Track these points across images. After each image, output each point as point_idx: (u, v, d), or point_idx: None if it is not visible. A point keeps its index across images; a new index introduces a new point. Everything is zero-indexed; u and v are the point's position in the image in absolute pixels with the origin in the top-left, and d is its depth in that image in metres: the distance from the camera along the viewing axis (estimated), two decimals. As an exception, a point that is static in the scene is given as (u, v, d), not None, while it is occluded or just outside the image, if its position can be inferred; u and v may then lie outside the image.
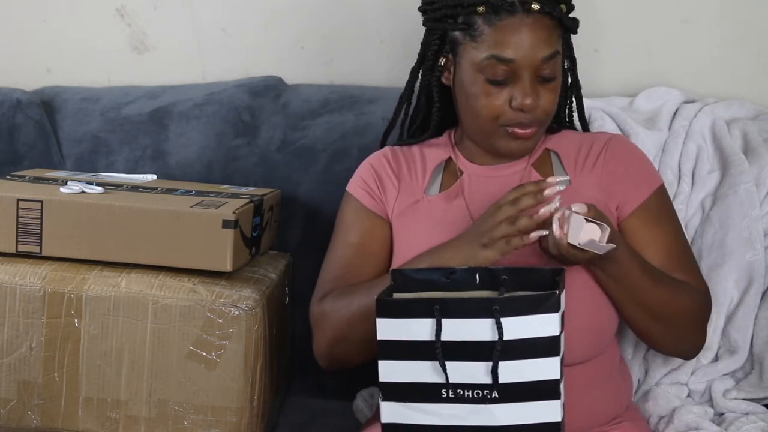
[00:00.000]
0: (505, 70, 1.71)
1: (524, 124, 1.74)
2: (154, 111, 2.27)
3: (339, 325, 1.76)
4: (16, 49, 2.42)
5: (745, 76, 2.24)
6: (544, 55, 1.71)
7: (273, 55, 2.36)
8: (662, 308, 1.73)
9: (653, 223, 1.79)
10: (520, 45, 1.70)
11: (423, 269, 1.65)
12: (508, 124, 1.74)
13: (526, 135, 1.75)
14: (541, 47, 1.71)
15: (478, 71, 1.73)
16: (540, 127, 1.77)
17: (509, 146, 1.77)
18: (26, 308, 1.86)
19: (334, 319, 1.77)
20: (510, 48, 1.70)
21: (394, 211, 1.84)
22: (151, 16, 2.39)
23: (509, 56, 1.70)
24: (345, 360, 1.80)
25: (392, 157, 1.89)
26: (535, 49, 1.71)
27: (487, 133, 1.77)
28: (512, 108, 1.72)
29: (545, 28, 1.72)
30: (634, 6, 2.26)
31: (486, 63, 1.72)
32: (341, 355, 1.79)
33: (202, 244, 1.86)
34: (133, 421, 1.87)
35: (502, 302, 1.51)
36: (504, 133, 1.75)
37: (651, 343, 1.82)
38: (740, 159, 2.05)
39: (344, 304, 1.76)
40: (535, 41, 1.71)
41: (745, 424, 1.90)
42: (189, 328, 1.84)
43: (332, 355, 1.80)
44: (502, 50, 1.70)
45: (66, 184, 1.97)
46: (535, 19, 1.71)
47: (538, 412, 1.51)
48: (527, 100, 1.71)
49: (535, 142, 1.79)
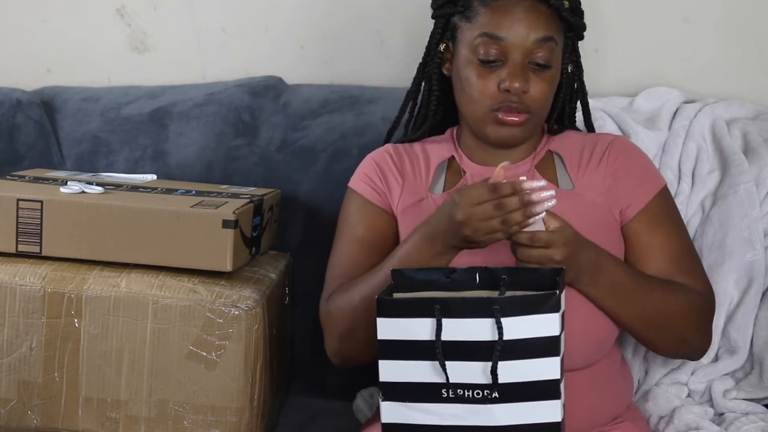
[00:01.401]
0: (496, 49, 1.72)
1: (512, 108, 1.73)
2: (154, 111, 2.27)
3: (344, 320, 1.76)
4: (16, 49, 2.42)
5: (746, 76, 2.24)
6: (536, 37, 1.72)
7: (273, 55, 2.37)
8: (657, 314, 1.72)
9: (656, 226, 1.79)
10: (513, 24, 1.71)
11: (423, 269, 1.65)
12: (497, 108, 1.74)
13: (514, 122, 1.74)
14: (534, 29, 1.72)
15: (471, 52, 1.74)
16: (531, 118, 1.75)
17: (498, 133, 1.76)
18: (26, 308, 1.86)
19: (339, 316, 1.77)
20: (502, 27, 1.72)
21: (398, 207, 1.84)
22: (151, 16, 2.39)
23: (500, 34, 1.71)
24: (355, 356, 1.79)
25: (395, 154, 1.88)
26: (527, 30, 1.72)
27: (479, 120, 1.76)
28: (500, 90, 1.72)
29: (540, 12, 1.73)
30: (635, 6, 2.26)
31: (478, 41, 1.73)
32: (351, 351, 1.78)
33: (202, 244, 1.86)
34: (133, 421, 1.87)
35: (503, 302, 1.51)
36: (493, 119, 1.75)
37: (653, 348, 1.81)
38: (740, 159, 2.05)
39: (347, 299, 1.75)
40: (528, 22, 1.72)
41: (745, 424, 1.90)
42: (189, 328, 1.84)
43: (343, 352, 1.79)
44: (494, 28, 1.72)
45: (66, 184, 1.97)
46: (530, 3, 1.72)
47: (539, 412, 1.51)
48: (515, 82, 1.71)
49: (526, 132, 1.78)
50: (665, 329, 1.74)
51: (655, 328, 1.73)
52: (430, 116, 1.89)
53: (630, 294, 1.70)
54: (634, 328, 1.75)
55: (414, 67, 1.90)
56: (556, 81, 1.78)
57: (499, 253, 1.69)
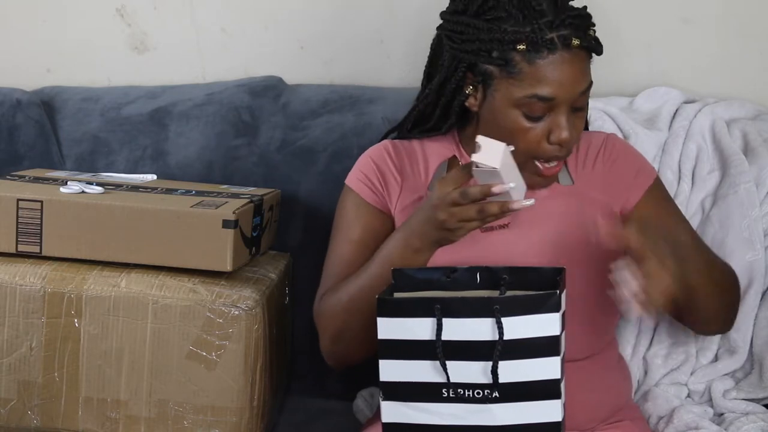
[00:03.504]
0: (543, 107, 1.68)
1: (558, 158, 1.72)
2: (154, 111, 2.27)
3: (335, 320, 1.76)
4: (16, 49, 2.42)
5: (746, 76, 2.24)
6: (582, 90, 1.69)
7: (273, 55, 2.36)
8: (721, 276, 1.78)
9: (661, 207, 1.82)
10: (562, 83, 1.66)
11: (424, 269, 1.65)
12: (540, 158, 1.71)
13: (552, 173, 1.73)
14: (580, 82, 1.68)
15: (515, 107, 1.69)
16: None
17: (533, 181, 1.73)
18: (26, 308, 1.86)
19: (331, 314, 1.77)
20: (551, 86, 1.66)
21: (396, 206, 1.84)
22: (151, 16, 2.39)
23: (551, 95, 1.66)
24: (348, 356, 1.79)
25: (394, 151, 1.86)
26: (574, 85, 1.67)
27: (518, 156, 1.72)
28: (549, 142, 1.69)
29: (583, 61, 1.69)
30: (635, 6, 2.26)
31: (525, 101, 1.67)
32: (344, 350, 1.78)
33: (202, 244, 1.86)
34: (133, 421, 1.87)
35: (503, 302, 1.51)
36: (532, 167, 1.72)
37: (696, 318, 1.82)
38: (740, 159, 2.05)
39: (337, 299, 1.76)
40: (575, 77, 1.67)
41: (745, 424, 1.90)
42: (189, 328, 1.84)
43: (336, 352, 1.80)
44: (543, 89, 1.66)
45: (66, 184, 1.97)
46: (573, 54, 1.67)
47: (539, 411, 1.51)
48: (565, 134, 1.68)
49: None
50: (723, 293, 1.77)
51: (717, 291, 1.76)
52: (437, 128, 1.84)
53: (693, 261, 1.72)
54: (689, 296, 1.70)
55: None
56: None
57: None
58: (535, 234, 1.75)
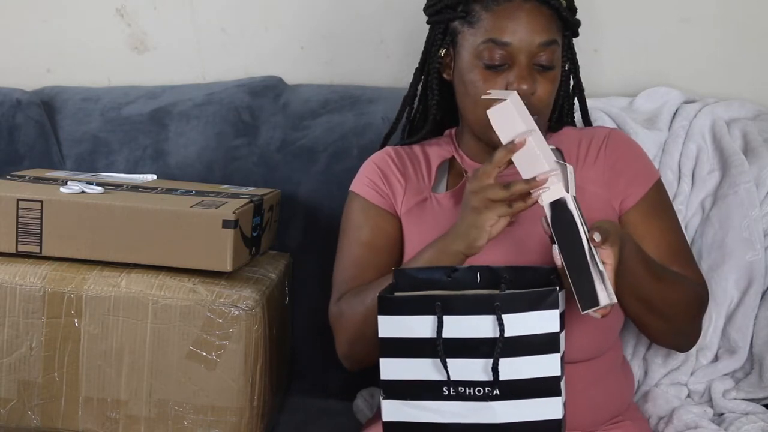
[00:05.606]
0: (502, 54, 1.72)
1: None
2: (154, 111, 2.27)
3: (355, 323, 1.76)
4: (16, 49, 2.42)
5: (745, 76, 2.24)
6: (541, 41, 1.73)
7: (273, 55, 2.37)
8: (663, 302, 1.72)
9: (652, 216, 1.80)
10: (517, 29, 1.72)
11: (425, 268, 1.65)
12: None
13: None
14: (538, 32, 1.73)
15: (476, 57, 1.74)
16: (538, 120, 1.75)
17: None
18: (26, 308, 1.86)
19: (350, 318, 1.77)
20: (507, 32, 1.72)
21: (402, 208, 1.84)
22: (151, 16, 2.39)
23: (506, 39, 1.72)
24: (366, 358, 1.78)
25: (396, 156, 1.88)
26: (532, 34, 1.72)
27: (483, 123, 1.75)
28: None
29: (543, 15, 1.74)
30: (634, 6, 2.26)
31: (483, 47, 1.73)
32: (361, 353, 1.78)
33: (202, 244, 1.86)
34: (133, 421, 1.87)
35: (503, 299, 1.51)
36: (495, 137, 1.73)
37: (648, 333, 1.81)
38: (740, 159, 2.05)
39: (358, 302, 1.76)
40: (532, 26, 1.72)
41: (745, 424, 1.90)
42: (189, 328, 1.84)
43: (354, 355, 1.80)
44: (499, 34, 1.72)
45: (66, 184, 1.97)
46: (532, 6, 1.73)
47: (539, 409, 1.51)
48: (523, 84, 1.72)
49: None
50: (667, 317, 1.73)
51: (659, 315, 1.73)
52: (429, 120, 1.89)
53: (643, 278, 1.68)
54: (638, 313, 1.72)
55: (414, 67, 1.90)
56: (558, 80, 1.79)
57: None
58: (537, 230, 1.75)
